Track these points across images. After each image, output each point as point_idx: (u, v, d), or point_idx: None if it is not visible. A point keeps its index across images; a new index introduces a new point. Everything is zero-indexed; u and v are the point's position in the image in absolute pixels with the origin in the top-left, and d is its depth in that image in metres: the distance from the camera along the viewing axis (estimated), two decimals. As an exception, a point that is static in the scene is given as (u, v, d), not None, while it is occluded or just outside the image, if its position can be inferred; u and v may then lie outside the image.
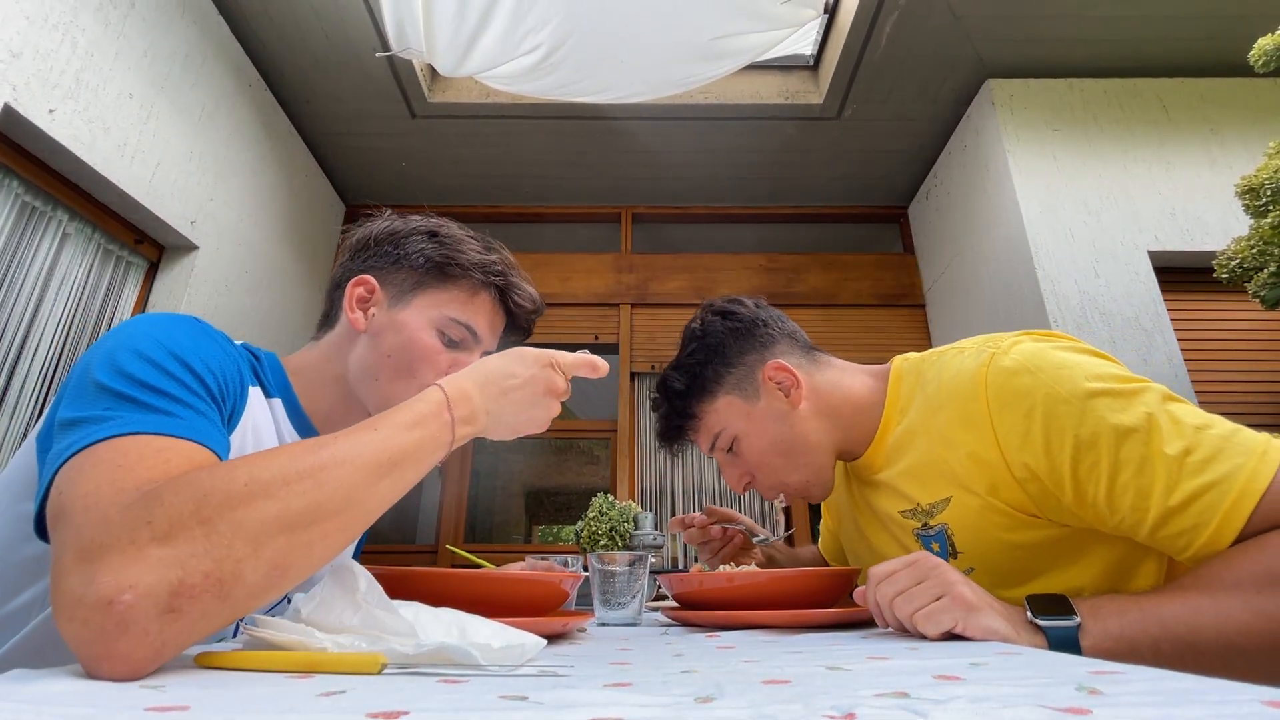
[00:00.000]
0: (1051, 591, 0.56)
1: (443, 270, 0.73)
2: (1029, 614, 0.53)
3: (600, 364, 0.64)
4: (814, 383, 0.82)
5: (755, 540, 1.00)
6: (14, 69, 1.73)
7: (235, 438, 0.61)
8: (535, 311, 0.80)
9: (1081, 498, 0.61)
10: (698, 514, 1.03)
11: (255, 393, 0.65)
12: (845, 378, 0.83)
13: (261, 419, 0.66)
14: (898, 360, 0.81)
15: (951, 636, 0.50)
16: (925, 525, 0.73)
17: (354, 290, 0.72)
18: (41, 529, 0.44)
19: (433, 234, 0.75)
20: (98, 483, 0.41)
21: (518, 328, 0.80)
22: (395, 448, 0.49)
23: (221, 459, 0.49)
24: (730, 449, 0.84)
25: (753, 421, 0.81)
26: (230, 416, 0.59)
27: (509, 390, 0.58)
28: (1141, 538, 0.59)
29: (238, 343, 0.68)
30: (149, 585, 0.35)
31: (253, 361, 0.68)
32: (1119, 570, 0.65)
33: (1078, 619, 0.52)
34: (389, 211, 0.79)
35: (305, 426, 0.72)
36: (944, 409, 0.70)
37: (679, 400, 0.85)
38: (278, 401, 0.69)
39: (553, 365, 0.61)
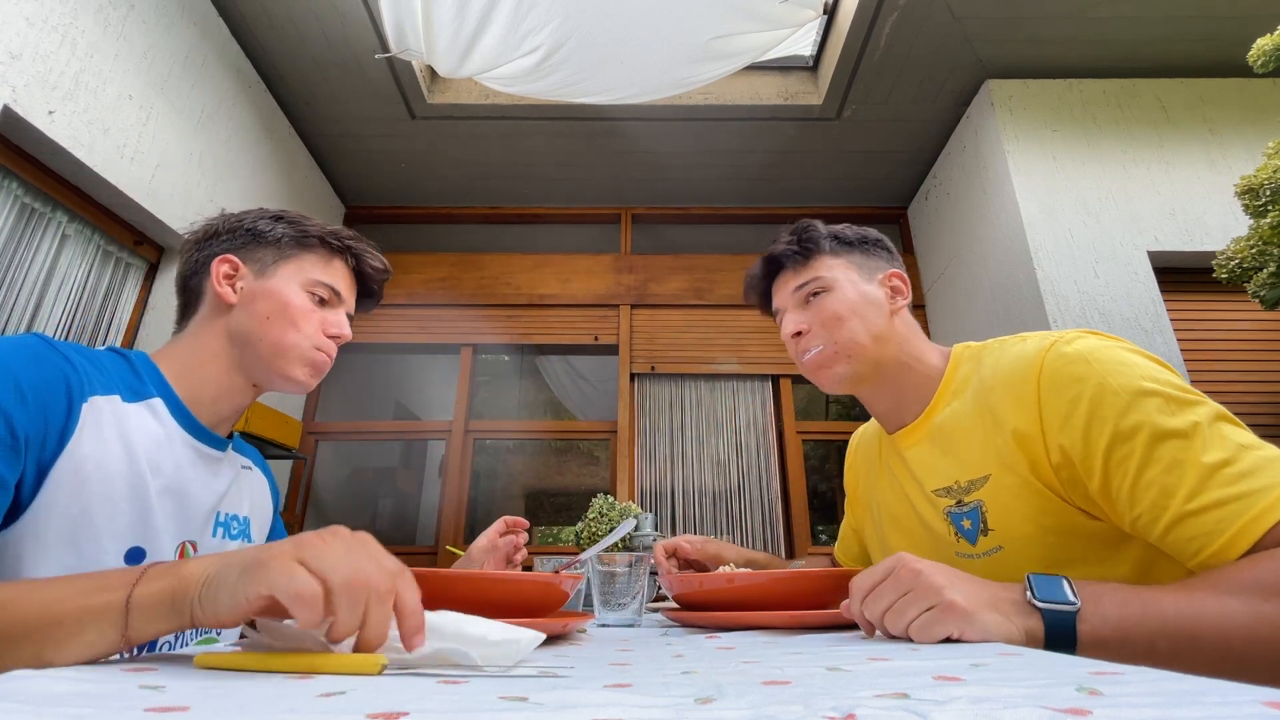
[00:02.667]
0: None
1: (299, 242, 0.81)
2: (1030, 594, 0.52)
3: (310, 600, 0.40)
4: (907, 317, 0.88)
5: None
6: (13, 70, 1.73)
7: (94, 451, 0.61)
8: (384, 274, 0.89)
9: (1107, 488, 0.62)
10: (684, 544, 1.01)
11: (106, 401, 0.64)
12: (924, 340, 0.88)
13: (132, 424, 0.66)
14: (959, 347, 0.85)
15: (947, 638, 0.50)
16: (959, 503, 0.74)
17: (219, 268, 0.77)
18: None
19: (279, 216, 0.83)
20: None
21: (370, 291, 0.89)
22: (63, 617, 0.40)
23: None
24: (814, 297, 0.87)
25: (851, 287, 0.86)
26: (61, 433, 0.59)
27: (238, 555, 0.43)
28: (1154, 538, 0.59)
29: (103, 348, 0.69)
30: None
31: (124, 367, 0.69)
32: (1147, 571, 0.65)
33: (1077, 604, 0.51)
34: (224, 210, 0.86)
35: (188, 419, 0.73)
36: (997, 390, 0.72)
37: (814, 233, 0.89)
38: (158, 400, 0.70)
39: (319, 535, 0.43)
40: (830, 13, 2.78)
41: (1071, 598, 0.51)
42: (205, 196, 2.51)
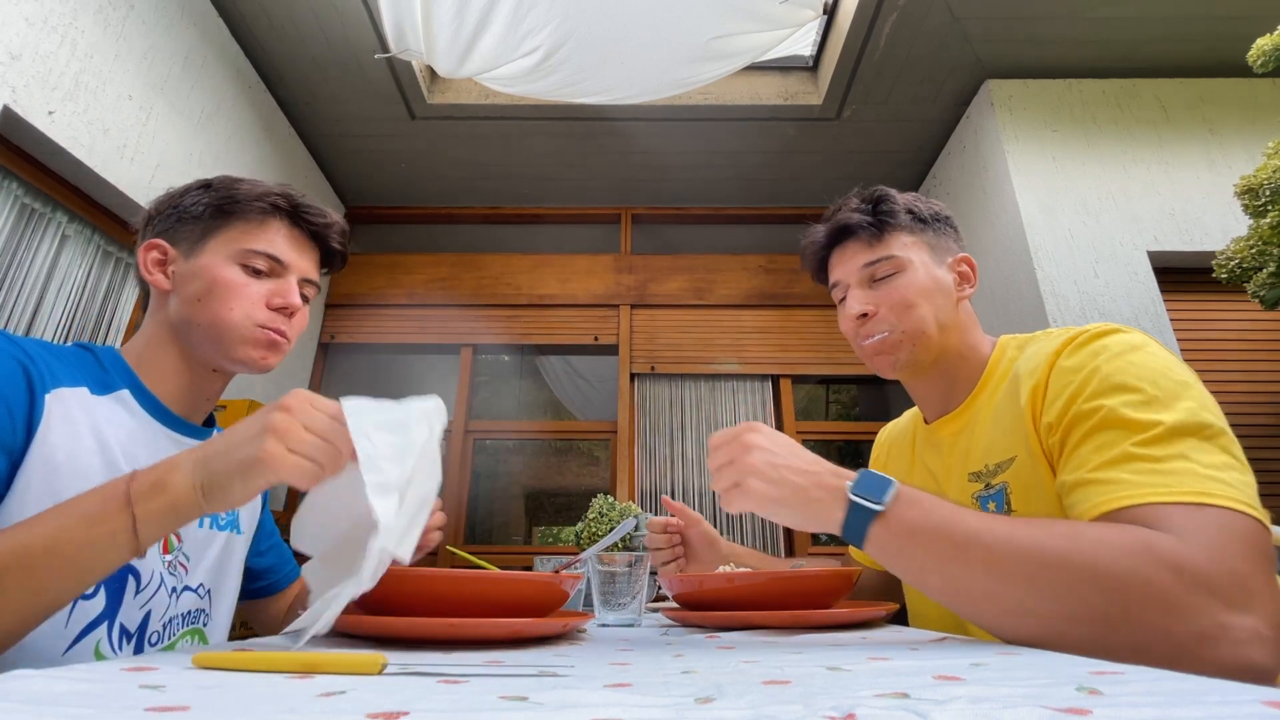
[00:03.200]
0: None
1: (223, 210, 0.73)
2: (849, 487, 0.55)
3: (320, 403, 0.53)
4: (968, 306, 0.86)
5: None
6: (13, 71, 1.73)
7: (64, 442, 0.60)
8: (332, 226, 0.79)
9: (1060, 460, 0.64)
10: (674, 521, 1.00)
11: (73, 394, 0.64)
12: (979, 329, 0.86)
13: (102, 416, 0.65)
14: (1005, 338, 0.83)
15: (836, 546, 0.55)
16: (987, 486, 0.75)
17: (147, 255, 0.73)
18: None
19: (206, 185, 0.76)
20: None
21: (331, 251, 0.80)
22: (26, 536, 0.47)
23: None
24: (883, 279, 0.83)
25: (924, 270, 0.83)
26: (28, 424, 0.59)
27: (223, 441, 0.51)
28: (1063, 501, 0.61)
29: (69, 344, 0.69)
30: None
31: (90, 360, 0.68)
32: None
33: (883, 505, 0.54)
34: (168, 189, 0.80)
35: (158, 409, 0.72)
36: (1025, 374, 0.72)
37: (891, 206, 0.84)
38: (125, 393, 0.69)
39: (285, 408, 0.51)
40: (830, 13, 2.79)
41: (879, 500, 0.54)
42: (205, 197, 2.51)
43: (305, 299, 0.78)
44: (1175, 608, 0.46)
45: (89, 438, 0.63)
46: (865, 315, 0.83)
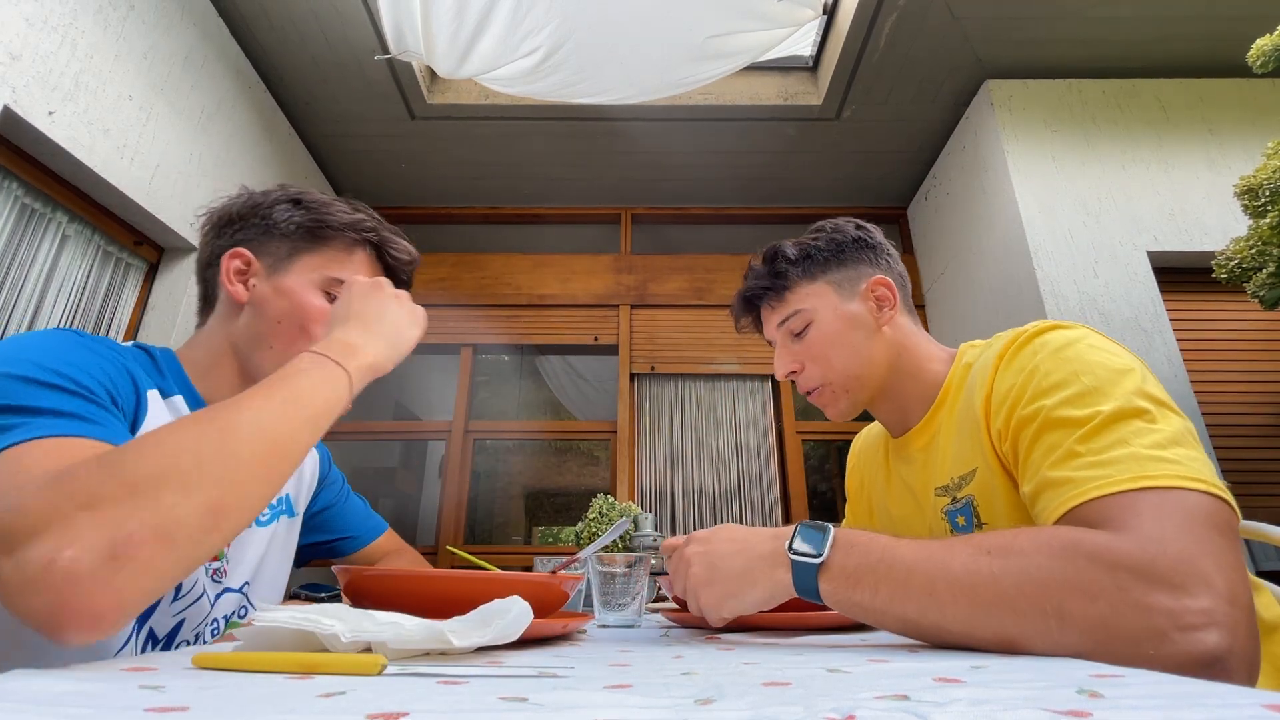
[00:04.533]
0: None
1: (315, 233, 0.74)
2: (789, 545, 0.56)
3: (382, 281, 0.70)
4: (902, 322, 0.84)
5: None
6: (13, 71, 1.73)
7: None
8: (412, 263, 0.82)
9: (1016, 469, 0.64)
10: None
11: (154, 396, 0.64)
12: (926, 342, 0.85)
13: (166, 419, 0.65)
14: (964, 346, 0.83)
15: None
16: (953, 500, 0.74)
17: (230, 264, 0.72)
18: None
19: (297, 201, 0.75)
20: (0, 483, 0.40)
21: (399, 283, 0.81)
22: (288, 392, 0.50)
23: None
24: (799, 334, 0.84)
25: (835, 315, 0.83)
26: (133, 425, 0.59)
27: (364, 313, 0.63)
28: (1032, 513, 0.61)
29: (128, 343, 0.68)
30: (86, 542, 0.35)
31: (148, 362, 0.68)
32: None
33: (822, 556, 0.53)
34: (244, 188, 0.79)
35: None
36: (980, 386, 0.71)
37: (783, 265, 0.86)
38: (179, 398, 0.68)
39: (378, 284, 0.68)
40: (830, 13, 2.79)
41: (818, 551, 0.54)
42: (205, 196, 2.49)
43: None
44: (1112, 604, 0.45)
45: None
46: (794, 372, 0.86)
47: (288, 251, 0.73)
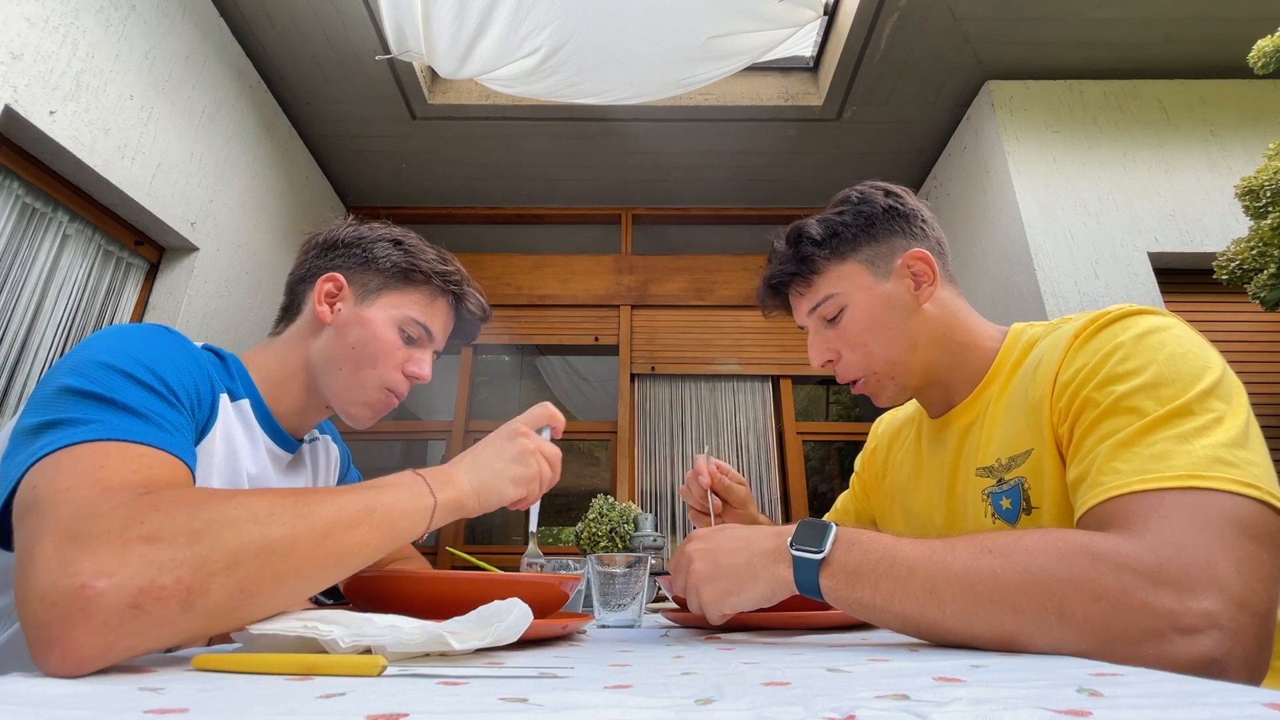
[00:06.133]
0: None
1: (407, 275, 0.78)
2: (790, 541, 0.55)
3: (556, 415, 0.73)
4: (944, 295, 0.78)
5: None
6: (14, 71, 1.73)
7: (205, 445, 0.62)
8: (483, 319, 0.88)
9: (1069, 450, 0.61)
10: (707, 470, 0.94)
11: (225, 399, 0.66)
12: (970, 315, 0.80)
13: (233, 424, 0.67)
14: (1018, 325, 0.78)
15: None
16: (1000, 481, 0.70)
17: (324, 285, 0.76)
18: (5, 537, 0.44)
19: (398, 242, 0.80)
20: (80, 479, 0.41)
21: (465, 332, 0.88)
22: (372, 499, 0.51)
23: (193, 472, 0.51)
24: (833, 320, 0.79)
25: (870, 297, 0.77)
26: (203, 427, 0.61)
27: (480, 455, 0.64)
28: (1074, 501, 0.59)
29: (200, 344, 0.69)
30: (124, 578, 0.36)
31: (219, 364, 0.69)
32: None
33: (823, 552, 0.53)
34: (350, 217, 0.84)
35: (272, 426, 0.73)
36: (1049, 365, 0.67)
37: (809, 247, 0.79)
38: (245, 403, 0.70)
39: (518, 432, 0.67)
40: (830, 13, 2.79)
41: (820, 548, 0.54)
42: (206, 196, 2.51)
43: None
44: (1115, 604, 0.44)
45: (221, 443, 0.65)
46: (830, 361, 0.81)
47: (378, 285, 0.78)
